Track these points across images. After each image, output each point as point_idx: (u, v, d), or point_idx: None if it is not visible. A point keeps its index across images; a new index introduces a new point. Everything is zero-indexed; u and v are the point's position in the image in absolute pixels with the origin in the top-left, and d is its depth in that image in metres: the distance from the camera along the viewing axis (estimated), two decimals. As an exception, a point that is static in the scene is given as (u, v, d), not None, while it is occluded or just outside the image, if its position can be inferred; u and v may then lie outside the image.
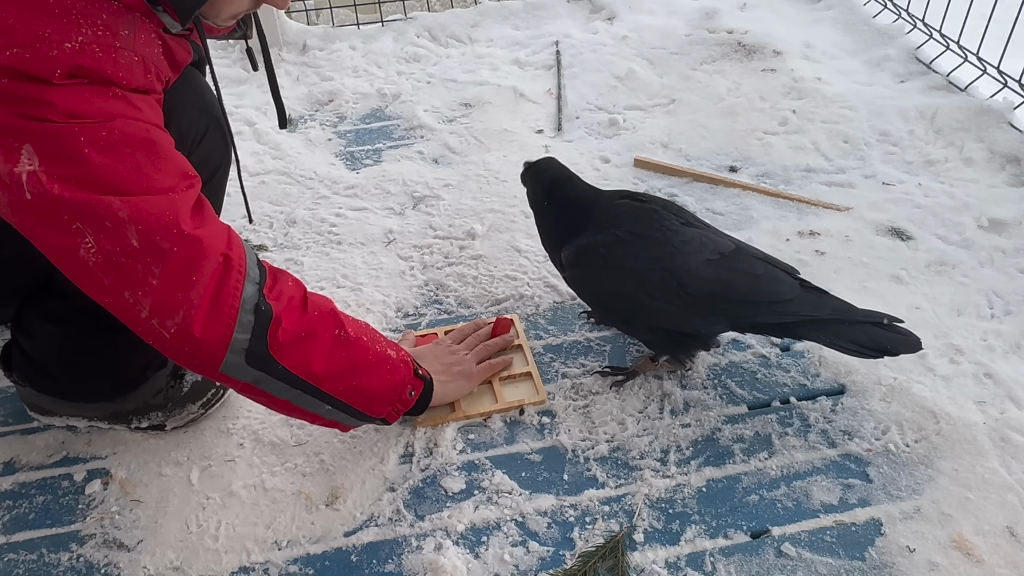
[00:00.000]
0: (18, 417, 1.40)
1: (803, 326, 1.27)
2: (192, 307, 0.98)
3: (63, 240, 0.93)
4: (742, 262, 1.29)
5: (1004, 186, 1.89)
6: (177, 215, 0.97)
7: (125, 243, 0.94)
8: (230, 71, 2.55)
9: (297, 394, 1.11)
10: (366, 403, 1.17)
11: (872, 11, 2.70)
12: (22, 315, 1.23)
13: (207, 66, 1.23)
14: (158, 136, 0.99)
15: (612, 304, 1.34)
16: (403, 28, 2.78)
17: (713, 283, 1.26)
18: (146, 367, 1.32)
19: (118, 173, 0.93)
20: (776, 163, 2.03)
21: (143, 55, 0.97)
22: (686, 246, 1.28)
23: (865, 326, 1.25)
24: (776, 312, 1.25)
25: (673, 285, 1.26)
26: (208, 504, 1.25)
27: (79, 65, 0.89)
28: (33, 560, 1.20)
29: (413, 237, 1.82)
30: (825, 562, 1.14)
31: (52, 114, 0.89)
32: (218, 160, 1.29)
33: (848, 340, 1.24)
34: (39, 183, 0.90)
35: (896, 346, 1.24)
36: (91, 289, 0.98)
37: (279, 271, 1.12)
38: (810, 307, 1.26)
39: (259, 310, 1.04)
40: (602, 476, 1.27)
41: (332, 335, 1.12)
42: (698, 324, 1.30)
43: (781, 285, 1.27)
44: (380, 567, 1.17)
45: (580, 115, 2.29)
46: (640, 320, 1.33)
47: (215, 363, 1.03)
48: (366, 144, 2.22)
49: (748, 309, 1.27)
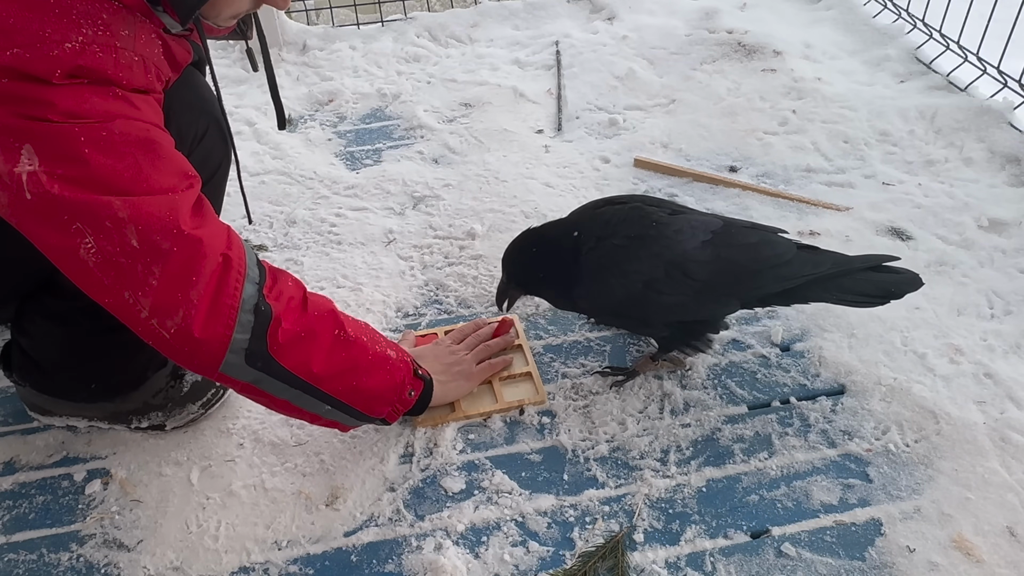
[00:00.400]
0: (18, 417, 1.40)
1: (808, 288, 1.28)
2: (192, 307, 0.98)
3: (63, 240, 0.93)
4: (735, 235, 1.30)
5: (1004, 186, 1.89)
6: (177, 215, 0.97)
7: (125, 243, 0.94)
8: (230, 71, 2.55)
9: (297, 394, 1.11)
10: (366, 403, 1.17)
11: (872, 11, 2.70)
12: (22, 315, 1.23)
13: (207, 66, 1.23)
14: (158, 136, 0.99)
15: (626, 311, 1.33)
16: (403, 28, 2.78)
17: (714, 263, 1.27)
18: (146, 367, 1.32)
19: (118, 173, 0.93)
20: (776, 163, 2.03)
21: (143, 55, 0.97)
22: (679, 234, 1.28)
23: (867, 274, 1.28)
24: (781, 278, 1.27)
25: (679, 275, 1.26)
26: (208, 504, 1.25)
27: (79, 65, 0.89)
28: (33, 560, 1.20)
29: (413, 237, 1.82)
30: (825, 562, 1.14)
31: (52, 114, 0.89)
32: (218, 160, 1.29)
33: (854, 293, 1.27)
34: (39, 183, 0.90)
35: (899, 287, 1.28)
36: (91, 289, 0.98)
37: (279, 271, 1.12)
38: (811, 266, 1.27)
39: (259, 310, 1.04)
40: (602, 476, 1.27)
41: (332, 335, 1.12)
42: (712, 309, 1.31)
43: (778, 247, 1.29)
44: (380, 567, 1.17)
45: (580, 115, 2.29)
46: (656, 319, 1.33)
47: (215, 363, 1.03)
48: (366, 144, 2.22)
49: (754, 280, 1.28)
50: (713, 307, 1.31)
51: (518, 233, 1.41)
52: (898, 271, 1.30)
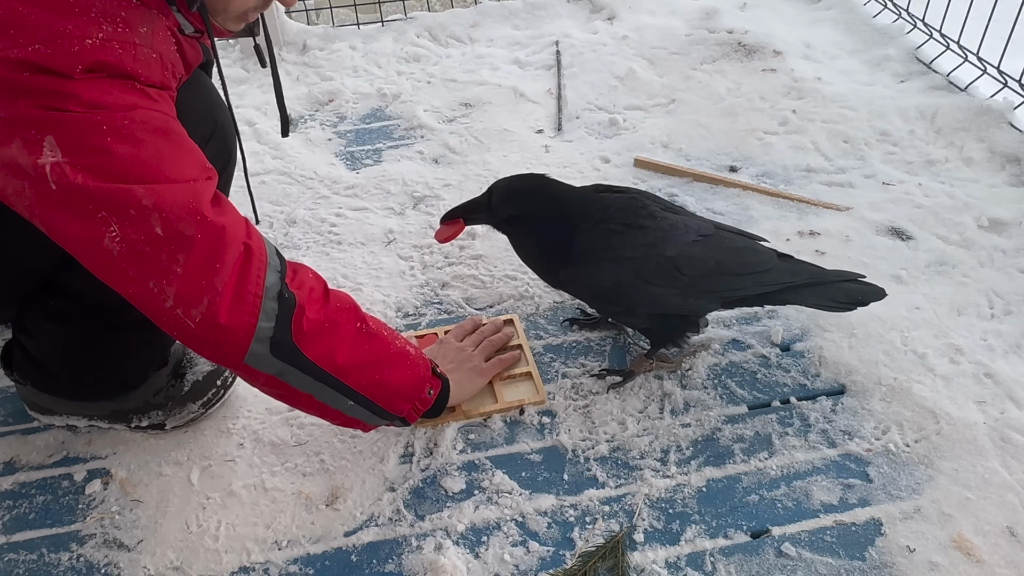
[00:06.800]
0: (18, 417, 1.40)
1: (784, 292, 1.35)
2: (216, 295, 0.97)
3: (88, 230, 0.93)
4: (724, 239, 1.36)
5: (1004, 186, 1.89)
6: (199, 203, 0.96)
7: (149, 231, 0.93)
8: (230, 71, 2.55)
9: (320, 387, 1.10)
10: (388, 399, 1.16)
11: (872, 11, 2.70)
12: (24, 314, 1.23)
13: (214, 67, 1.23)
14: (177, 127, 0.99)
15: (613, 296, 1.34)
16: (403, 28, 2.78)
17: (705, 262, 1.31)
18: (147, 366, 1.32)
19: (141, 161, 0.93)
20: (776, 163, 2.03)
21: (160, 52, 0.97)
22: (674, 229, 1.32)
23: (838, 284, 1.36)
24: (761, 283, 1.33)
25: (669, 268, 1.30)
26: (208, 504, 1.25)
27: (100, 60, 0.90)
28: (33, 560, 1.20)
29: (413, 237, 1.82)
30: (825, 562, 1.14)
31: (74, 105, 0.89)
32: (224, 161, 1.29)
33: (825, 298, 1.35)
34: (63, 174, 0.89)
35: (866, 296, 1.36)
36: (115, 280, 0.97)
37: (299, 264, 1.12)
38: (789, 274, 1.34)
39: (282, 297, 1.03)
40: (602, 476, 1.27)
41: (354, 327, 1.11)
42: (694, 304, 1.35)
43: (761, 255, 1.36)
44: (380, 567, 1.17)
45: (580, 115, 2.29)
46: (641, 308, 1.35)
47: (240, 353, 1.02)
48: (366, 144, 2.22)
49: (736, 282, 1.33)
50: (696, 303, 1.35)
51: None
52: (867, 284, 1.37)
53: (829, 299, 1.35)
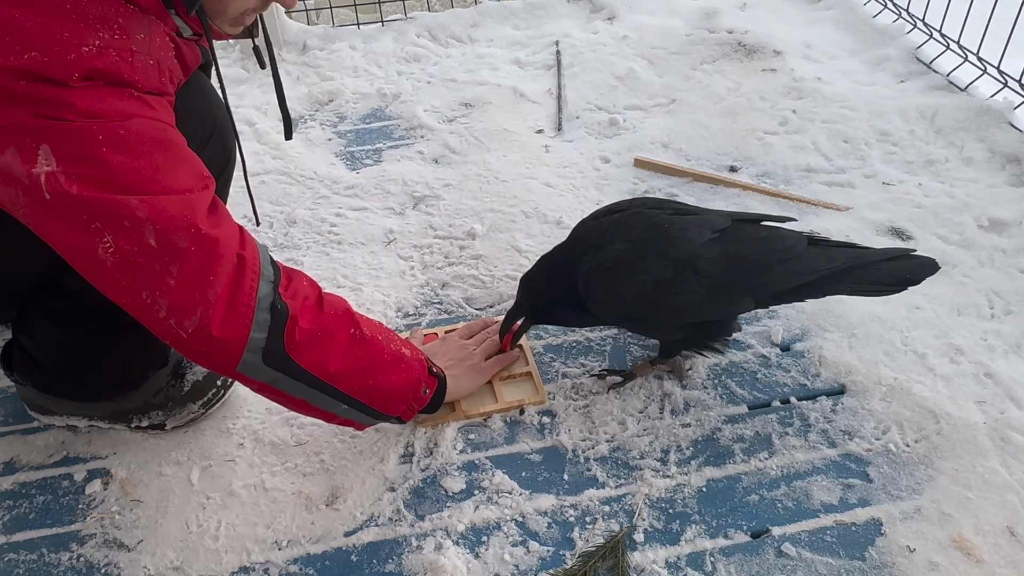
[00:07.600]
0: (18, 417, 1.40)
1: (823, 283, 1.26)
2: (209, 307, 0.98)
3: (81, 240, 0.93)
4: (742, 231, 1.29)
5: (1004, 186, 1.89)
6: (194, 215, 0.97)
7: (143, 243, 0.94)
8: (230, 71, 2.55)
9: (314, 394, 1.11)
10: (382, 402, 1.17)
11: (872, 11, 2.70)
12: (24, 315, 1.23)
13: (212, 69, 1.23)
14: (175, 136, 0.99)
15: (638, 313, 1.31)
16: (403, 28, 2.78)
17: (723, 259, 1.25)
18: (147, 366, 1.32)
19: (136, 172, 0.93)
20: (776, 163, 2.03)
21: (158, 58, 0.97)
22: (686, 232, 1.27)
23: (881, 264, 1.26)
24: (793, 274, 1.24)
25: (689, 274, 1.24)
26: (208, 504, 1.25)
27: (96, 68, 0.89)
28: (33, 560, 1.20)
29: (413, 237, 1.82)
30: (825, 562, 1.14)
31: (70, 114, 0.88)
32: (223, 161, 1.29)
33: (868, 283, 1.25)
34: (57, 183, 0.89)
35: (915, 273, 1.25)
36: (108, 289, 0.97)
37: (294, 271, 1.12)
38: (824, 260, 1.24)
39: (275, 308, 1.03)
40: (602, 476, 1.27)
41: (348, 334, 1.12)
42: (725, 308, 1.29)
43: (787, 241, 1.27)
44: (380, 567, 1.17)
45: (580, 115, 2.29)
46: (669, 320, 1.31)
47: (232, 362, 1.03)
48: (366, 144, 2.22)
49: (765, 276, 1.25)
50: (727, 306, 1.29)
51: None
52: (914, 258, 1.27)
53: (874, 283, 1.25)
